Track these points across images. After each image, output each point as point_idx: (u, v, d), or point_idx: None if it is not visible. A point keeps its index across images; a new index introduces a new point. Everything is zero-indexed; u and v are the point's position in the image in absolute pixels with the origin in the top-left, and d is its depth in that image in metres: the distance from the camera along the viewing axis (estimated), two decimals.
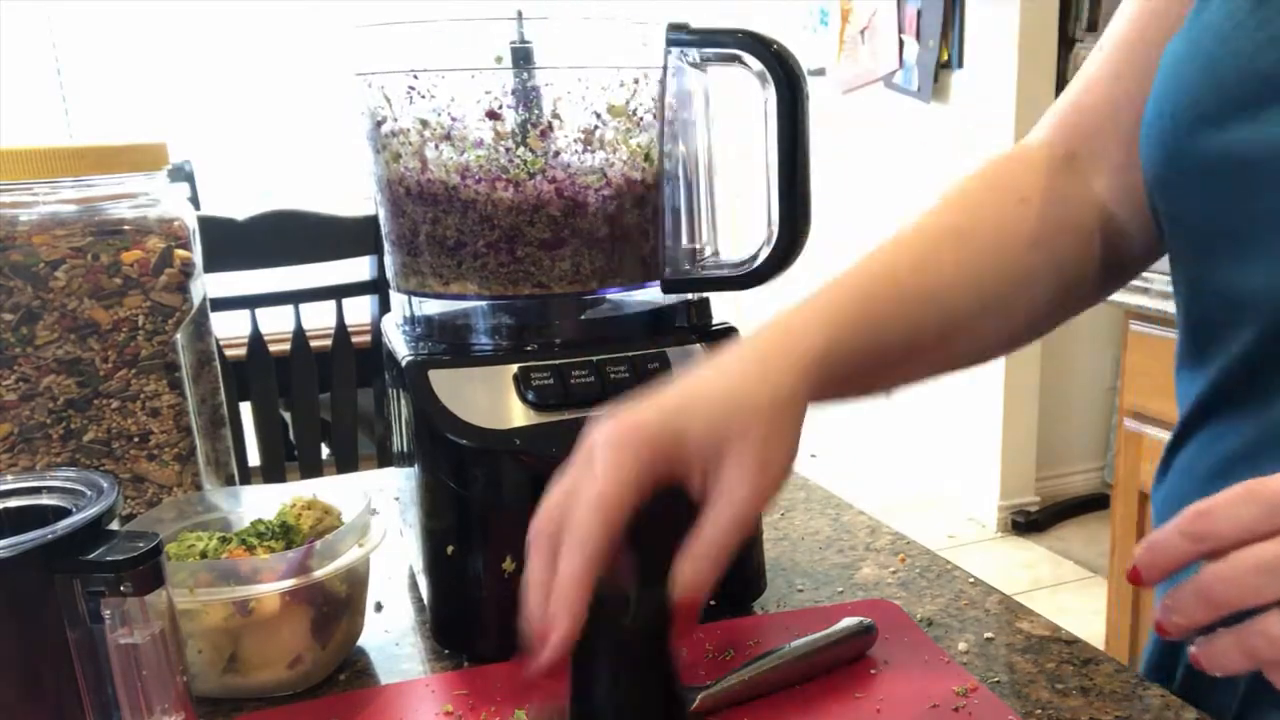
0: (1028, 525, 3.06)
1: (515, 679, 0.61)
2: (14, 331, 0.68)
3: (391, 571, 0.78)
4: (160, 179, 0.75)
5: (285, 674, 0.61)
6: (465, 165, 0.63)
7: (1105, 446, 3.21)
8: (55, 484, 0.51)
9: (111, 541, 0.46)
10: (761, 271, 0.66)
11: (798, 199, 0.65)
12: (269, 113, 3.81)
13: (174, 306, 0.73)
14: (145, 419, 0.73)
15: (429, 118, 0.62)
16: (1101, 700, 0.58)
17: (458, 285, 0.65)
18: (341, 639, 0.64)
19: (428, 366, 0.63)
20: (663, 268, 0.68)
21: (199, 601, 0.57)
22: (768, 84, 0.62)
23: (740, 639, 0.65)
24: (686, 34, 0.64)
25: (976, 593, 0.72)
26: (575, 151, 0.63)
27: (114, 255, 0.70)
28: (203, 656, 0.60)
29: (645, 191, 0.66)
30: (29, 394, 0.69)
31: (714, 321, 0.71)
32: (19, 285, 0.68)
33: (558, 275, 0.65)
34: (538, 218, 0.63)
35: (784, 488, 0.50)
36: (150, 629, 0.46)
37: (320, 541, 0.61)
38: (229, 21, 3.72)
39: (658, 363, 0.65)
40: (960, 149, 2.95)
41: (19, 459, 0.70)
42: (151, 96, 3.65)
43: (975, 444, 3.09)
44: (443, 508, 0.63)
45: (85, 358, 0.70)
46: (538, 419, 0.62)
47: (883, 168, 3.30)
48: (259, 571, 0.58)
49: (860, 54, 3.26)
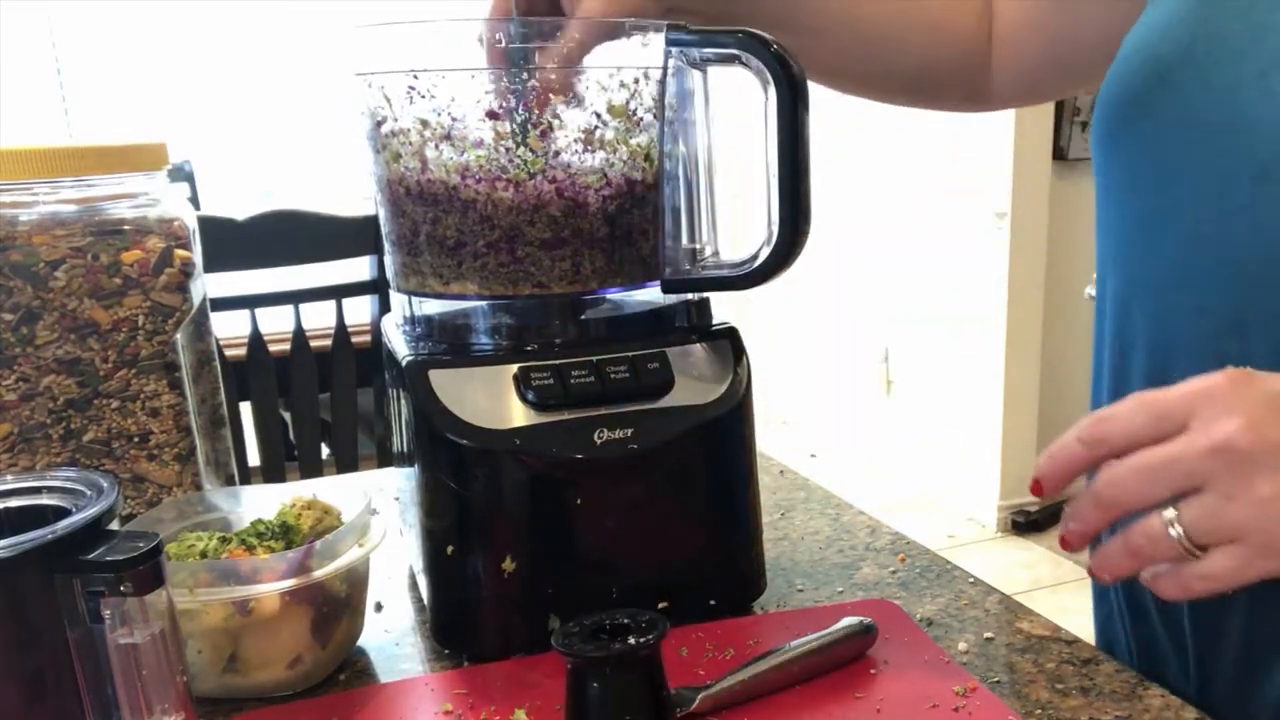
0: (1028, 525, 3.06)
1: (515, 679, 0.61)
2: (14, 331, 0.68)
3: (391, 571, 0.78)
4: (160, 179, 0.75)
5: (285, 674, 0.61)
6: (465, 165, 0.63)
7: None
8: (55, 484, 0.51)
9: (111, 541, 0.46)
10: (761, 271, 0.66)
11: (798, 199, 0.64)
12: (269, 113, 3.81)
13: (174, 306, 0.73)
14: (145, 419, 0.73)
15: (429, 118, 0.62)
16: (1101, 700, 0.58)
17: (458, 285, 0.65)
18: (341, 639, 0.64)
19: (428, 366, 0.63)
20: (663, 268, 0.68)
21: (199, 601, 0.57)
22: (768, 84, 0.62)
23: (740, 639, 0.65)
24: (686, 34, 0.64)
25: (976, 593, 0.72)
26: (575, 152, 0.63)
27: (114, 255, 0.70)
28: (203, 656, 0.60)
29: (645, 192, 0.66)
30: (29, 394, 0.69)
31: (714, 321, 0.71)
32: (19, 285, 0.68)
33: (558, 275, 0.65)
34: (538, 218, 0.63)
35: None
36: (150, 629, 0.46)
37: (320, 541, 0.61)
38: (229, 21, 3.72)
39: (658, 363, 0.65)
40: (960, 149, 2.95)
41: (19, 459, 0.70)
42: (151, 96, 3.65)
43: (975, 444, 3.09)
44: (443, 508, 0.63)
45: (85, 358, 0.70)
46: (537, 419, 0.62)
47: (882, 168, 3.30)
48: (259, 571, 0.58)
49: None
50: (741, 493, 0.69)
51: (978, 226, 2.92)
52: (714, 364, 0.67)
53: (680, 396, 0.65)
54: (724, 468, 0.68)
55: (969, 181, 2.94)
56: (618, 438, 0.63)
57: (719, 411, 0.66)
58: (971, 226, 2.95)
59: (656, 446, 0.64)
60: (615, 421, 0.63)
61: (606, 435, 0.63)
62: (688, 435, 0.65)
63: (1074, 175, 2.96)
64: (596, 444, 0.62)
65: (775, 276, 0.67)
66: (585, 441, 0.62)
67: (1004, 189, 2.82)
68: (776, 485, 0.94)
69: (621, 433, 0.63)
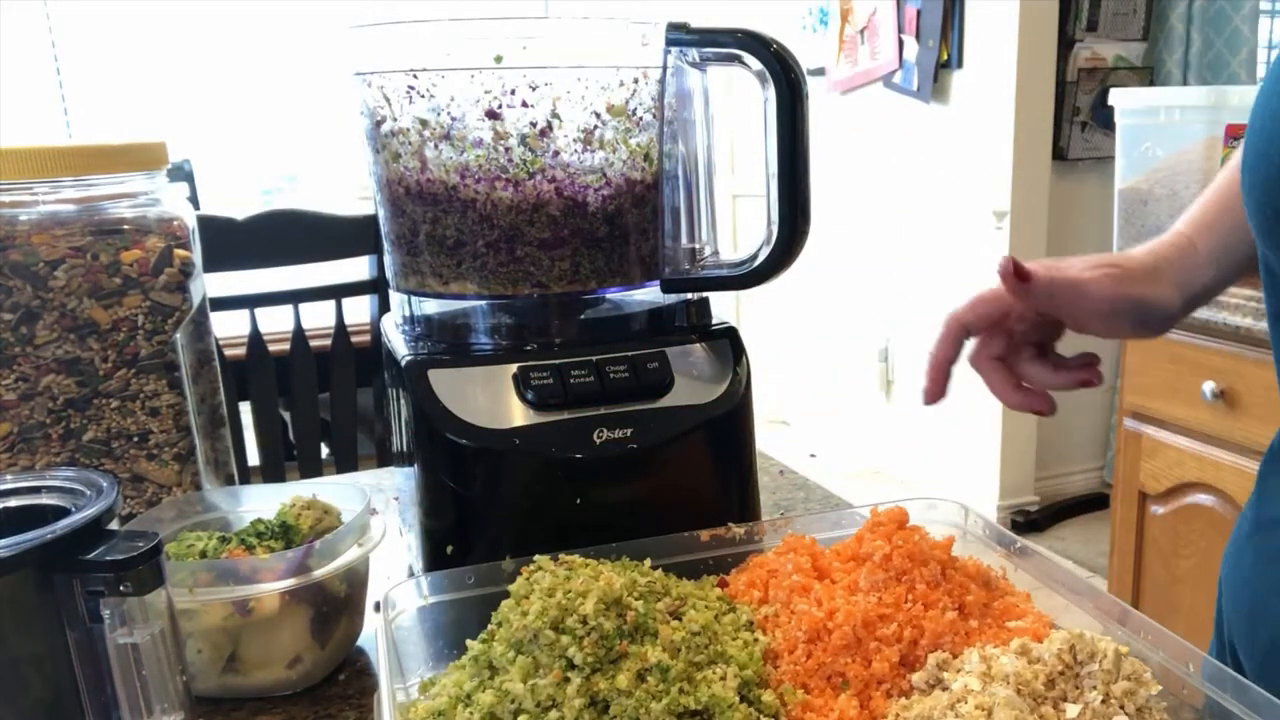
0: (1027, 525, 3.06)
1: None
2: (14, 331, 0.68)
3: (391, 571, 0.78)
4: (160, 179, 0.75)
5: (285, 674, 0.61)
6: (465, 165, 0.63)
7: (1105, 446, 3.21)
8: (55, 484, 0.51)
9: (111, 541, 0.46)
10: (761, 271, 0.66)
11: (797, 199, 0.64)
12: (268, 112, 3.81)
13: (174, 306, 0.73)
14: (145, 419, 0.73)
15: (429, 117, 0.62)
16: None
17: (457, 285, 0.65)
18: (341, 639, 0.64)
19: (427, 366, 0.63)
20: (662, 268, 0.68)
21: (199, 601, 0.57)
22: (767, 84, 0.62)
23: None
24: (686, 34, 0.64)
25: None
26: (575, 151, 0.63)
27: (114, 255, 0.70)
28: (203, 656, 0.60)
29: (645, 191, 0.66)
30: (29, 394, 0.69)
31: (714, 321, 0.71)
32: (19, 285, 0.68)
33: (557, 275, 0.65)
34: (537, 217, 0.63)
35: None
36: (150, 629, 0.46)
37: (320, 541, 0.61)
38: (229, 21, 3.72)
39: (657, 362, 0.65)
40: (960, 149, 2.95)
41: (19, 459, 0.70)
42: (151, 96, 3.65)
43: (975, 444, 3.09)
44: (443, 507, 0.63)
45: (85, 357, 0.70)
46: (537, 419, 0.62)
47: (882, 168, 3.30)
48: (258, 571, 0.58)
49: (860, 54, 3.26)
50: (741, 493, 0.69)
51: (978, 226, 2.92)
52: (713, 364, 0.67)
53: (680, 396, 0.65)
54: (723, 467, 0.68)
55: (969, 181, 2.94)
56: (617, 437, 0.63)
57: (719, 411, 0.66)
58: (971, 226, 2.95)
59: (656, 446, 0.64)
60: (615, 421, 0.63)
61: (606, 435, 0.63)
62: (687, 435, 0.65)
63: (1074, 175, 2.96)
64: (596, 443, 0.62)
65: (775, 276, 0.67)
66: (585, 441, 0.62)
67: (1004, 189, 2.82)
68: (776, 485, 0.94)
69: (621, 432, 0.63)
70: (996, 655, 0.48)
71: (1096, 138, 2.92)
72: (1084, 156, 2.94)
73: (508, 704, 0.46)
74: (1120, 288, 0.64)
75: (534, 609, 0.48)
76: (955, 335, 0.66)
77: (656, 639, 0.49)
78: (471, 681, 0.49)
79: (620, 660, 0.47)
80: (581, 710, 0.46)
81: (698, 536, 0.62)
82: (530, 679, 0.47)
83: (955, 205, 3.02)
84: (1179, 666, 0.48)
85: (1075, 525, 3.11)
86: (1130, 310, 0.65)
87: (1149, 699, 0.46)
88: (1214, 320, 1.55)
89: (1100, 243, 2.89)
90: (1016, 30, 2.73)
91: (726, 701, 0.47)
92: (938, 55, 2.94)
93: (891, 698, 0.49)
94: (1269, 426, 1.52)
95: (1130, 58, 2.92)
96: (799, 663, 0.51)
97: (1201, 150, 1.67)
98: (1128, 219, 1.83)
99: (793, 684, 0.50)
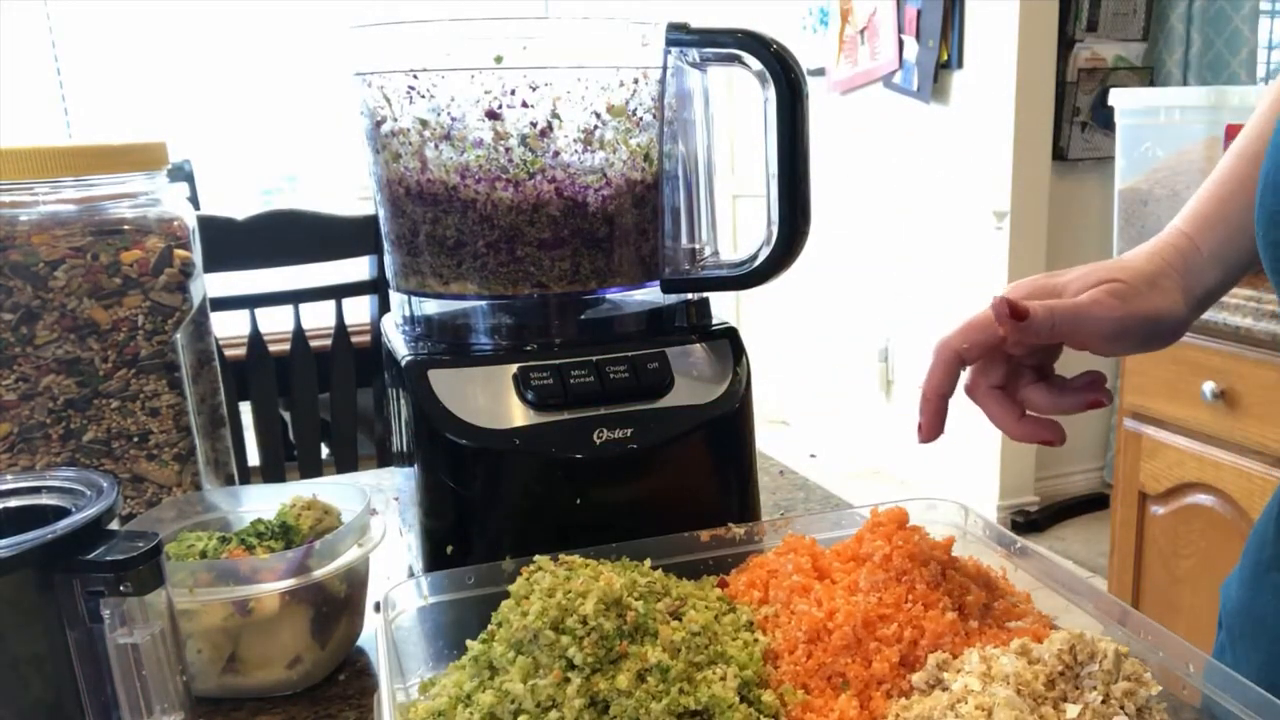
0: (1027, 525, 3.06)
1: None
2: (14, 331, 0.68)
3: (391, 571, 0.78)
4: (160, 179, 0.75)
5: (285, 674, 0.61)
6: (465, 165, 0.63)
7: (1105, 446, 3.21)
8: (55, 484, 0.51)
9: (111, 541, 0.46)
10: (761, 271, 0.66)
11: (797, 199, 0.64)
12: (268, 112, 3.81)
13: (174, 306, 0.73)
14: (145, 419, 0.73)
15: (429, 118, 0.62)
16: None
17: (457, 285, 0.65)
18: (341, 639, 0.64)
19: (427, 366, 0.63)
20: (662, 268, 0.68)
21: (199, 601, 0.57)
22: (767, 84, 0.62)
23: None
24: (686, 34, 0.64)
25: None
26: (575, 151, 0.63)
27: (114, 255, 0.70)
28: (202, 656, 0.60)
29: (645, 191, 0.66)
30: (29, 394, 0.69)
31: (714, 321, 0.71)
32: (19, 285, 0.68)
33: (557, 275, 0.65)
34: (537, 218, 0.63)
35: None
36: (150, 629, 0.46)
37: (320, 541, 0.61)
38: (229, 21, 3.72)
39: (657, 363, 0.65)
40: (960, 149, 2.95)
41: (19, 459, 0.70)
42: (151, 96, 3.65)
43: (975, 444, 3.09)
44: (443, 507, 0.63)
45: (85, 357, 0.70)
46: (537, 419, 0.62)
47: (882, 168, 3.30)
48: (258, 571, 0.58)
49: (860, 54, 3.26)
50: (741, 493, 0.69)
51: (978, 226, 2.92)
52: (713, 364, 0.67)
53: (680, 396, 0.65)
54: (723, 467, 0.68)
55: (969, 182, 2.94)
56: (617, 437, 0.63)
57: (718, 411, 0.66)
58: (971, 226, 2.95)
59: (656, 446, 0.64)
60: (615, 421, 0.63)
61: (606, 435, 0.63)
62: (687, 435, 0.65)
63: (1074, 175, 2.96)
64: (596, 444, 0.62)
65: (775, 276, 0.67)
66: (585, 441, 0.62)
67: (1004, 189, 2.82)
68: (776, 485, 0.94)
69: (621, 432, 0.63)
70: (996, 655, 0.48)
71: (1096, 138, 2.92)
72: (1084, 157, 2.94)
73: (508, 704, 0.47)
74: (1126, 306, 0.60)
75: (534, 609, 0.48)
76: (949, 365, 0.60)
77: (656, 639, 0.49)
78: (471, 682, 0.49)
79: (620, 660, 0.47)
80: (581, 710, 0.46)
81: (698, 537, 0.62)
82: (530, 679, 0.47)
83: (955, 205, 3.02)
84: (1179, 666, 0.48)
85: (1075, 525, 3.11)
86: (1138, 328, 0.61)
87: (1149, 699, 0.46)
88: (1214, 320, 1.55)
89: (1100, 242, 2.90)
90: (1016, 30, 2.73)
91: (726, 702, 0.47)
92: (938, 55, 2.94)
93: (891, 698, 0.49)
94: (1269, 426, 1.52)
95: (1130, 58, 2.92)
96: (799, 663, 0.51)
97: (1201, 150, 1.67)
98: (1128, 219, 1.83)
99: (793, 684, 0.50)
